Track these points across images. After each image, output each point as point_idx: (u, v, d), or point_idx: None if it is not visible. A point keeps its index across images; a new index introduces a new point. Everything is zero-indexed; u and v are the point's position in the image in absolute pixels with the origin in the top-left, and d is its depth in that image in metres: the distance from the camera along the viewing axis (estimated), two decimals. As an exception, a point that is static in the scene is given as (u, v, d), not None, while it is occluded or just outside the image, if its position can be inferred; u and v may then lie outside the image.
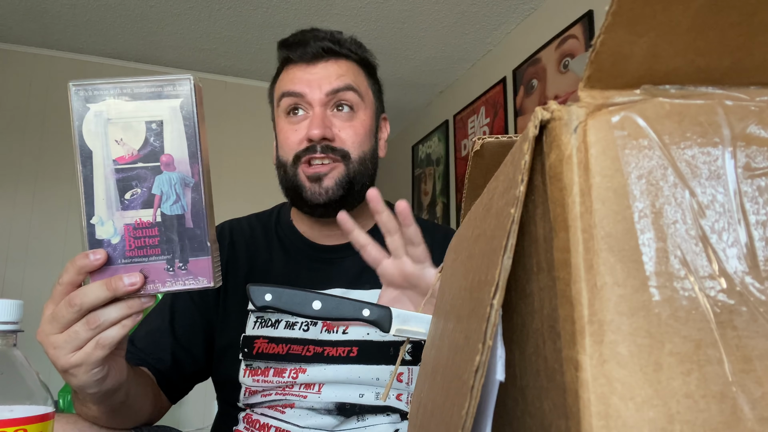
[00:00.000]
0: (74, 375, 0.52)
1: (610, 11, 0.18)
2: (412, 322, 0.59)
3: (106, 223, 0.52)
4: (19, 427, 0.40)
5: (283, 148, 0.83)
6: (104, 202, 0.52)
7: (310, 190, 0.80)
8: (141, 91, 0.52)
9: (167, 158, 0.52)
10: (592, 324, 0.18)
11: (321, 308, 0.57)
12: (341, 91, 0.81)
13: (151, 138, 0.52)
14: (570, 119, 0.20)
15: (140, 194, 0.52)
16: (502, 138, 0.34)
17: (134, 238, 0.51)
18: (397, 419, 0.80)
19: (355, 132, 0.82)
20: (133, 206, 0.52)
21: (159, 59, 2.72)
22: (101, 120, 0.52)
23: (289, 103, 0.82)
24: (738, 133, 0.20)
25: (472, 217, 0.31)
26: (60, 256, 2.51)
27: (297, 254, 0.87)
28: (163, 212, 0.52)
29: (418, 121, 3.29)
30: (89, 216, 0.51)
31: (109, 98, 0.52)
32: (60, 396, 2.19)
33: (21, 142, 2.54)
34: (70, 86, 0.52)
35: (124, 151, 0.52)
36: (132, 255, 0.51)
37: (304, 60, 0.83)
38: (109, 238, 0.51)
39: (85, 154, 0.52)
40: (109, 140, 0.52)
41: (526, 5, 2.23)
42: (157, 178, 0.52)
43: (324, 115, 0.81)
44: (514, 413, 0.25)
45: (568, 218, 0.19)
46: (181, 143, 0.52)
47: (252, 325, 0.81)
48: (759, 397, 0.18)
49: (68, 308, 0.49)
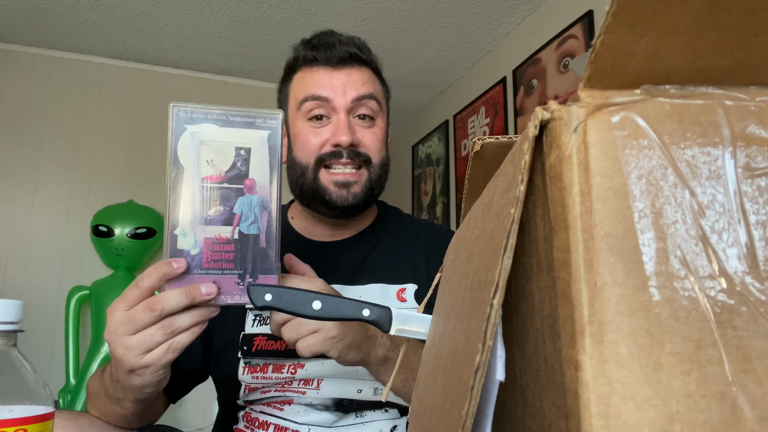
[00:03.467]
0: (140, 375, 0.55)
1: (610, 11, 0.18)
2: (412, 322, 0.59)
3: (188, 235, 0.56)
4: (19, 427, 0.40)
5: (303, 151, 0.83)
6: (189, 215, 0.56)
7: (336, 194, 0.81)
8: (235, 119, 0.58)
9: (251, 182, 0.57)
10: (592, 324, 0.18)
11: (321, 308, 0.57)
12: (365, 98, 0.82)
13: (239, 163, 0.57)
14: (570, 119, 0.20)
15: (222, 212, 0.57)
16: (502, 138, 0.34)
17: (212, 251, 0.56)
18: (395, 414, 0.81)
19: (376, 138, 0.83)
20: (215, 222, 0.57)
21: (159, 59, 2.72)
22: (196, 141, 0.57)
23: (312, 106, 0.82)
24: (738, 133, 0.20)
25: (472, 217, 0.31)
26: (60, 256, 2.51)
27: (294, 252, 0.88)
28: (241, 231, 0.57)
29: (418, 121, 3.29)
30: (173, 227, 0.56)
31: (205, 122, 0.57)
32: (60, 396, 2.20)
33: (21, 142, 2.54)
34: (171, 107, 0.57)
35: (213, 171, 0.57)
36: (208, 267, 0.56)
37: (330, 63, 0.83)
38: (188, 249, 0.56)
39: (177, 169, 0.56)
40: (200, 160, 0.57)
41: (526, 5, 2.23)
42: (240, 199, 0.57)
43: (349, 122, 0.81)
44: (514, 413, 0.25)
45: (568, 218, 0.19)
46: (264, 171, 0.58)
47: (251, 323, 0.82)
48: (759, 397, 0.18)
49: (148, 312, 0.52)
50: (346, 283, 0.85)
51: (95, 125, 2.65)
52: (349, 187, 0.81)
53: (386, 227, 0.93)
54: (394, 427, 0.79)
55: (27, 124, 2.56)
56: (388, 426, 0.79)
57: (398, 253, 0.90)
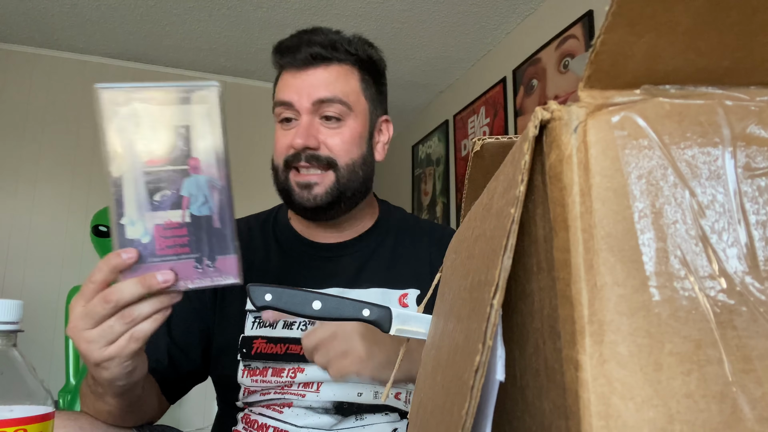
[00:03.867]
0: (106, 368, 0.54)
1: (610, 11, 0.18)
2: (412, 322, 0.59)
3: (137, 224, 0.53)
4: (19, 427, 0.40)
5: (276, 153, 0.86)
6: (134, 203, 0.53)
7: (298, 196, 0.82)
8: (170, 95, 0.54)
9: (195, 162, 0.54)
10: (592, 324, 0.18)
11: (321, 308, 0.57)
12: (326, 102, 0.81)
13: (179, 142, 0.54)
14: (570, 119, 0.20)
15: (169, 196, 0.54)
16: (502, 138, 0.34)
17: (164, 237, 0.53)
18: (396, 418, 0.80)
19: (342, 140, 0.82)
20: (163, 207, 0.54)
21: (159, 59, 2.72)
22: (130, 123, 0.53)
23: (281, 111, 0.84)
24: (738, 133, 0.20)
25: (472, 217, 0.31)
26: (60, 256, 2.51)
27: (294, 253, 0.88)
28: (192, 213, 0.54)
29: (418, 121, 3.29)
30: (119, 216, 0.53)
31: (137, 102, 0.53)
32: (60, 396, 2.19)
33: (21, 142, 2.54)
34: (98, 89, 0.53)
35: (153, 155, 0.53)
36: (162, 254, 0.53)
37: (294, 66, 0.83)
38: (139, 238, 0.53)
39: (114, 156, 0.53)
40: (138, 143, 0.53)
41: (526, 5, 2.23)
42: (186, 180, 0.54)
43: (310, 124, 0.81)
44: (514, 413, 0.25)
45: (568, 218, 0.19)
46: (207, 148, 0.54)
47: (250, 326, 0.81)
48: (759, 397, 0.18)
49: (104, 304, 0.52)
50: (346, 286, 0.84)
51: (95, 125, 2.65)
52: (311, 188, 0.81)
53: (388, 229, 0.92)
54: (394, 430, 0.79)
55: (27, 124, 2.56)
56: (389, 429, 0.79)
57: (400, 256, 0.89)
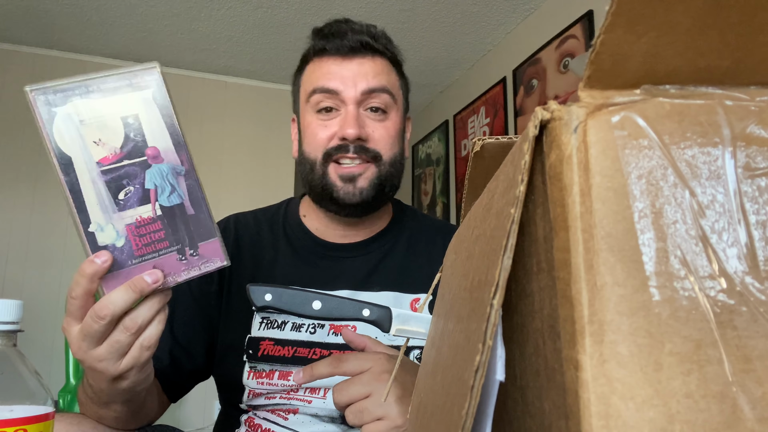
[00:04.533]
0: (126, 378, 0.52)
1: (610, 11, 0.18)
2: (412, 322, 0.59)
3: (106, 228, 0.50)
4: (19, 427, 0.40)
5: (311, 145, 0.80)
6: (98, 207, 0.50)
7: (342, 191, 0.78)
8: (108, 86, 0.50)
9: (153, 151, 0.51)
10: (592, 324, 0.18)
11: (321, 308, 0.57)
12: (376, 91, 0.78)
13: (131, 133, 0.50)
14: (570, 119, 0.20)
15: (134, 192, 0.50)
16: (502, 138, 0.34)
17: (139, 236, 0.50)
18: None
19: (387, 133, 0.79)
20: (130, 205, 0.50)
21: (159, 59, 2.72)
22: (73, 123, 0.49)
23: (321, 98, 0.79)
24: (738, 133, 0.20)
25: (472, 217, 0.31)
26: (60, 256, 2.51)
27: (305, 252, 0.85)
28: (162, 205, 0.51)
29: (418, 121, 3.29)
30: (86, 224, 0.49)
31: (75, 98, 0.49)
32: (60, 396, 2.19)
33: (21, 142, 2.54)
34: (28, 91, 0.48)
35: (106, 152, 0.50)
36: (141, 253, 0.50)
37: (340, 53, 0.79)
38: (113, 243, 0.50)
39: (64, 161, 0.49)
40: (86, 143, 0.49)
41: (526, 5, 2.23)
42: (147, 172, 0.50)
43: (358, 114, 0.78)
44: (514, 413, 0.25)
45: (568, 218, 0.19)
46: (162, 133, 0.51)
47: (258, 326, 0.79)
48: (759, 397, 0.18)
49: (99, 321, 0.48)
50: (357, 288, 0.82)
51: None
52: (355, 181, 0.78)
53: (402, 230, 0.89)
54: None
55: (27, 124, 2.56)
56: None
57: (414, 259, 0.86)
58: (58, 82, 0.49)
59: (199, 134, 2.78)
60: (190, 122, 2.78)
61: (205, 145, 2.78)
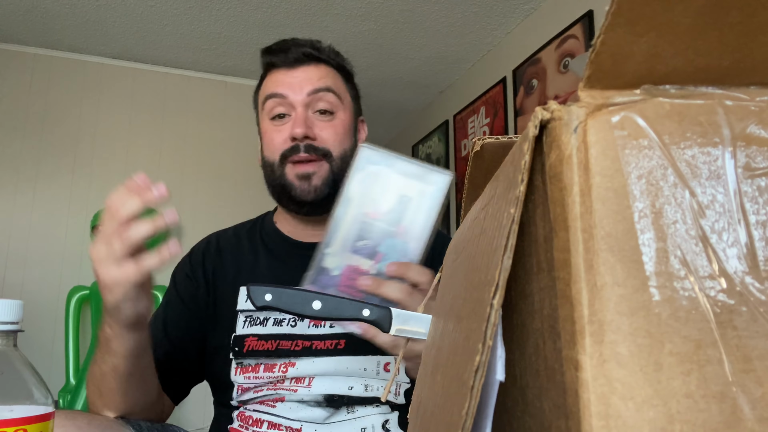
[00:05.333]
0: (111, 291, 0.59)
1: (610, 11, 0.18)
2: (412, 322, 0.59)
3: (335, 258, 0.62)
4: (19, 427, 0.40)
5: (269, 149, 0.87)
6: (341, 240, 0.62)
7: (299, 188, 0.84)
8: (408, 169, 0.63)
9: (401, 228, 0.62)
10: (592, 324, 0.18)
11: (321, 308, 0.57)
12: (321, 91, 0.85)
13: (398, 207, 0.62)
14: (570, 119, 0.20)
15: (370, 247, 0.62)
16: (502, 138, 0.34)
17: (349, 278, 0.61)
18: (386, 410, 0.82)
19: (335, 131, 0.86)
20: (360, 253, 0.62)
21: (159, 59, 2.72)
22: (370, 178, 0.63)
23: (273, 105, 0.86)
24: (738, 133, 0.20)
25: (472, 217, 0.31)
26: (60, 256, 2.51)
27: (281, 253, 0.91)
28: (379, 269, 0.61)
29: (418, 121, 3.29)
30: (326, 245, 0.62)
31: (382, 165, 0.63)
32: (60, 396, 2.19)
33: (21, 142, 2.54)
34: (363, 146, 0.64)
35: (375, 209, 0.62)
36: (341, 291, 0.61)
37: (286, 64, 0.87)
38: (331, 269, 0.62)
39: (347, 198, 0.63)
40: (368, 196, 0.63)
41: (526, 5, 2.23)
42: (387, 240, 0.62)
43: (306, 116, 0.84)
44: (514, 413, 0.25)
45: (568, 218, 0.19)
46: (417, 221, 0.62)
47: (242, 325, 0.84)
48: (759, 397, 0.18)
49: (109, 219, 0.58)
50: None
51: (95, 125, 2.65)
52: (310, 179, 0.84)
53: None
54: (386, 421, 0.81)
55: (27, 124, 2.56)
56: (380, 420, 0.80)
57: None
58: (384, 151, 0.64)
59: (199, 134, 2.78)
60: (190, 122, 2.78)
61: (205, 145, 2.78)
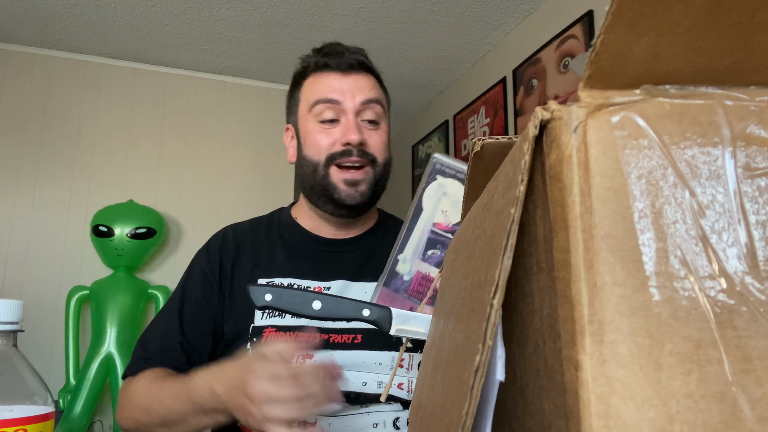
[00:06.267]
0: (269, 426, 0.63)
1: (610, 11, 0.18)
2: (412, 322, 0.59)
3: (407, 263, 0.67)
4: (19, 427, 0.40)
5: (314, 149, 0.87)
6: (413, 248, 0.67)
7: (344, 192, 0.86)
8: None
9: None
10: (592, 324, 0.18)
11: (321, 308, 0.57)
12: (372, 102, 0.88)
13: None
14: (570, 119, 0.20)
15: (438, 256, 0.66)
16: (502, 138, 0.34)
17: (419, 284, 0.66)
18: (398, 408, 0.83)
19: (381, 140, 0.89)
20: (430, 262, 0.66)
21: (159, 59, 2.72)
22: (441, 190, 0.67)
23: (323, 109, 0.87)
24: (738, 133, 0.20)
25: (472, 217, 0.31)
26: (60, 256, 2.51)
27: (299, 247, 0.92)
28: None
29: (418, 121, 3.29)
30: (399, 252, 0.67)
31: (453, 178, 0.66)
32: (60, 396, 2.19)
33: (21, 142, 2.54)
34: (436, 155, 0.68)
35: (443, 220, 0.66)
36: (411, 294, 0.66)
37: (340, 69, 0.88)
38: (403, 274, 0.67)
39: (418, 209, 0.67)
40: (438, 207, 0.67)
41: (526, 5, 2.23)
42: None
43: (358, 122, 0.87)
44: (514, 413, 0.25)
45: (568, 218, 0.19)
46: None
47: (260, 316, 0.85)
48: (759, 397, 0.18)
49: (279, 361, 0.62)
50: (351, 279, 0.88)
51: (95, 125, 2.65)
52: (357, 185, 0.86)
53: (389, 228, 0.98)
54: (397, 419, 0.82)
55: (27, 124, 2.56)
56: (391, 417, 0.81)
57: None
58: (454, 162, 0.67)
59: (199, 134, 2.78)
60: (190, 122, 2.78)
61: (205, 145, 2.78)
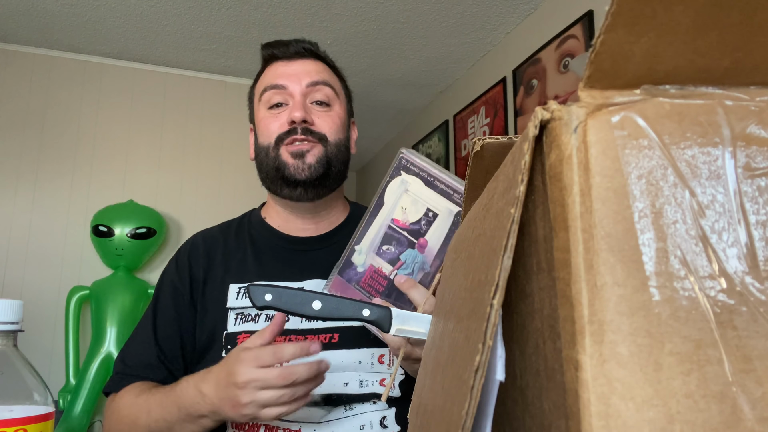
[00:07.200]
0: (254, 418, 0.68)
1: (610, 11, 0.18)
2: (412, 322, 0.59)
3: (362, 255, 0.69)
4: (19, 427, 0.40)
5: (264, 134, 0.89)
6: (369, 241, 0.69)
7: (293, 166, 0.85)
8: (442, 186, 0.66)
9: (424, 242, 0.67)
10: (592, 324, 0.18)
11: (321, 308, 0.57)
12: (319, 84, 0.88)
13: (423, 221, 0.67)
14: (570, 119, 0.20)
15: (392, 252, 0.68)
16: (502, 138, 0.34)
17: (371, 278, 0.68)
18: (383, 406, 0.82)
19: (332, 120, 0.89)
20: (383, 257, 0.68)
21: (159, 59, 2.72)
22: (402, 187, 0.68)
23: (271, 95, 0.88)
24: (738, 133, 0.20)
25: (472, 217, 0.31)
26: (60, 256, 2.50)
27: (270, 248, 0.91)
28: (397, 274, 0.67)
29: (418, 121, 3.29)
30: (356, 242, 0.70)
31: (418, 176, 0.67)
32: (60, 396, 2.19)
33: (21, 142, 2.54)
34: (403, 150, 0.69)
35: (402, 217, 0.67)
36: (362, 287, 0.69)
37: (286, 56, 0.91)
38: (357, 266, 0.69)
39: (380, 202, 0.69)
40: (398, 204, 0.68)
41: (526, 5, 2.23)
42: (409, 250, 0.67)
43: (305, 103, 0.87)
44: (514, 413, 0.25)
45: (568, 218, 0.19)
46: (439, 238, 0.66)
47: (233, 322, 0.84)
48: (759, 397, 0.18)
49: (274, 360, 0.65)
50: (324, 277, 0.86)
51: (95, 125, 2.65)
52: (304, 157, 0.85)
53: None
54: (383, 417, 0.81)
55: (27, 124, 2.56)
56: (378, 417, 0.80)
57: None
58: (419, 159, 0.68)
59: (199, 134, 2.78)
60: (190, 122, 2.78)
61: (205, 145, 2.78)
